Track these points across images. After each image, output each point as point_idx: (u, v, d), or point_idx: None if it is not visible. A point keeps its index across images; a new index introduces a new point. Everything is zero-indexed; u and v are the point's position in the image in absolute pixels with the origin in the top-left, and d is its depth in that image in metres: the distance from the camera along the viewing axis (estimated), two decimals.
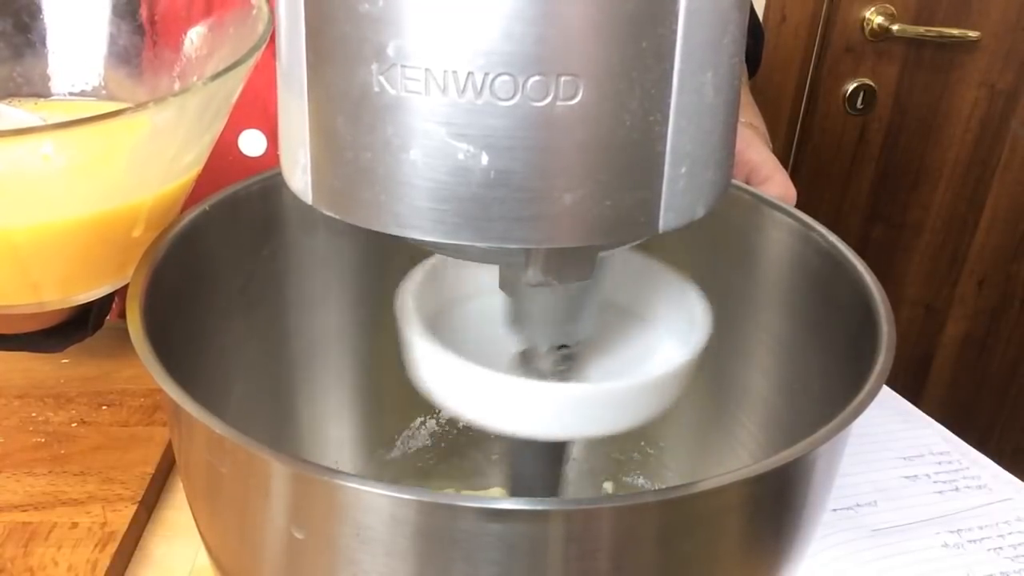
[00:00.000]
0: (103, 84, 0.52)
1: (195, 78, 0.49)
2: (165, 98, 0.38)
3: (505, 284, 0.35)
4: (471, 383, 0.34)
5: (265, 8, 0.45)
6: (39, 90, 0.51)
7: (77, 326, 0.56)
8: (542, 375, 0.36)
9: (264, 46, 0.42)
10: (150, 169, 0.42)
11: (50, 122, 0.46)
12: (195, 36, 0.49)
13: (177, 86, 0.50)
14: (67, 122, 0.36)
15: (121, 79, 0.51)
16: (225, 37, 0.48)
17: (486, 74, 0.25)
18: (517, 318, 0.35)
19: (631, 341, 0.40)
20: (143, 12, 0.51)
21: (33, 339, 0.54)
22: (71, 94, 0.51)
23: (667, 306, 0.40)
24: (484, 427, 0.35)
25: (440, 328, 0.38)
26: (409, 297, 0.37)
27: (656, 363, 0.36)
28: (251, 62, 0.42)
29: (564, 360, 0.36)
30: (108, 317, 0.73)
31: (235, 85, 0.43)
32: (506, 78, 0.25)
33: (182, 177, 0.44)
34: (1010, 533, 0.54)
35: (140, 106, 0.37)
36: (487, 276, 0.40)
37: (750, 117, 0.75)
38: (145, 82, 0.51)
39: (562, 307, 0.34)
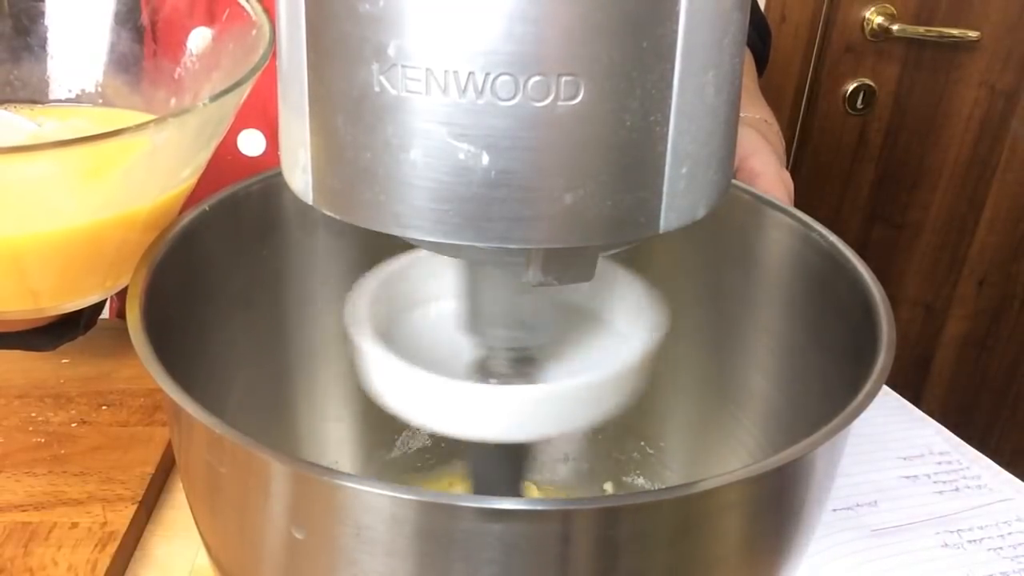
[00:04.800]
0: (100, 91, 0.52)
1: (192, 92, 0.49)
2: (165, 118, 0.39)
3: (463, 287, 0.35)
4: (423, 390, 0.34)
5: (267, 27, 0.45)
6: (36, 94, 0.51)
7: (69, 325, 0.56)
8: (499, 379, 0.36)
9: (265, 66, 0.42)
10: (148, 182, 0.42)
11: (47, 127, 0.46)
12: (195, 49, 0.49)
13: (174, 101, 0.50)
14: (67, 140, 0.36)
15: (119, 87, 0.52)
16: (224, 52, 0.48)
17: (487, 74, 0.25)
18: (473, 323, 0.35)
19: (589, 342, 0.40)
20: (144, 20, 0.51)
21: (26, 337, 0.54)
22: (68, 100, 0.52)
23: (623, 306, 0.40)
24: (440, 433, 0.35)
25: (394, 335, 0.38)
26: (361, 305, 0.37)
27: (611, 362, 0.36)
28: (251, 83, 0.42)
29: (521, 363, 0.36)
30: (108, 316, 0.73)
31: (234, 104, 0.43)
32: (507, 78, 0.25)
33: (179, 187, 0.44)
34: (1010, 533, 0.54)
35: (141, 126, 0.38)
36: (441, 281, 0.40)
37: (763, 113, 0.75)
38: (143, 91, 0.51)
39: (517, 311, 0.34)
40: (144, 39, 0.51)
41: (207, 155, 0.45)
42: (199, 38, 0.49)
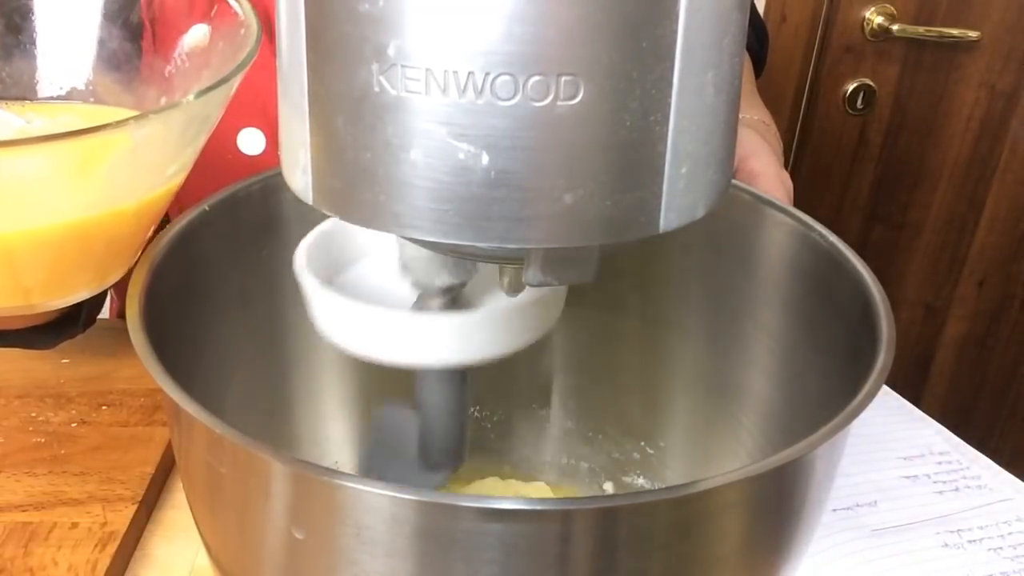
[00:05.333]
0: (91, 89, 0.52)
1: (182, 91, 0.49)
2: (147, 114, 0.39)
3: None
4: (365, 322, 0.37)
5: (255, 26, 0.45)
6: (26, 92, 0.51)
7: (68, 323, 0.56)
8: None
9: (249, 65, 0.43)
10: (134, 178, 0.42)
11: (35, 124, 0.46)
12: (186, 47, 0.49)
13: (164, 100, 0.50)
14: (48, 135, 0.37)
15: (109, 85, 0.51)
16: (215, 51, 0.48)
17: (487, 74, 0.25)
18: (404, 264, 0.37)
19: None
20: (143, 16, 0.51)
21: (25, 335, 0.54)
22: (59, 97, 0.52)
23: None
24: (384, 363, 0.37)
25: (341, 284, 0.41)
26: (303, 254, 0.39)
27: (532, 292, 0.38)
28: (237, 80, 0.42)
29: (451, 303, 0.38)
30: (108, 316, 0.73)
31: (220, 101, 0.43)
32: (507, 78, 0.25)
33: (166, 185, 0.44)
34: (1010, 533, 0.54)
35: (122, 122, 0.38)
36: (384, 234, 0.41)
37: (761, 114, 0.75)
38: (134, 89, 0.51)
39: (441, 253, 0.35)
40: (137, 36, 0.51)
41: (194, 153, 0.45)
42: (198, 34, 0.49)
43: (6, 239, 0.41)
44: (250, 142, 0.66)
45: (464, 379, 0.41)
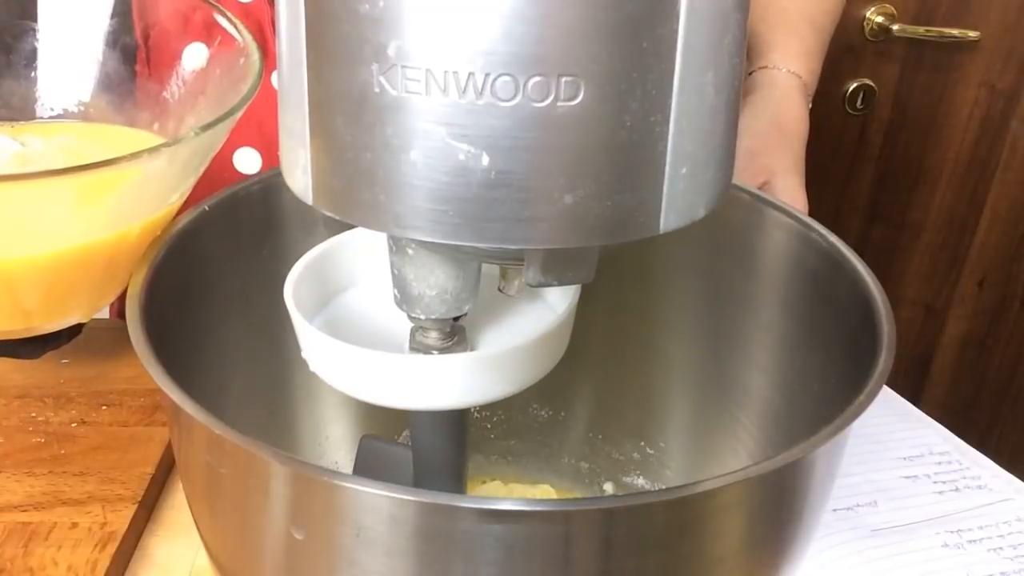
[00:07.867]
0: (83, 111, 0.52)
1: (177, 117, 0.50)
2: (159, 148, 0.40)
3: (391, 263, 0.36)
4: (358, 365, 0.36)
5: (256, 55, 0.45)
6: (16, 114, 0.51)
7: (53, 334, 0.56)
8: (430, 350, 0.37)
9: (254, 95, 0.43)
10: (139, 205, 0.43)
11: (32, 146, 0.47)
12: (190, 66, 0.50)
13: (157, 126, 0.50)
14: (62, 169, 0.37)
15: (102, 107, 0.52)
16: (212, 79, 0.48)
17: (487, 75, 0.25)
18: (401, 296, 0.36)
19: (516, 312, 0.41)
20: (137, 37, 0.51)
21: (9, 346, 0.53)
22: (50, 117, 0.52)
23: None
24: (381, 405, 0.36)
25: (332, 316, 0.40)
26: (291, 290, 0.39)
27: (534, 329, 0.38)
28: (241, 112, 0.43)
29: (450, 335, 0.37)
30: (108, 316, 0.73)
31: (224, 132, 0.44)
32: (507, 79, 0.25)
33: (167, 209, 0.45)
34: (1010, 533, 0.54)
35: (135, 155, 0.38)
36: (372, 261, 0.41)
37: (800, 66, 0.65)
38: (126, 112, 0.52)
39: (441, 282, 0.35)
40: (133, 59, 0.51)
41: (195, 179, 0.46)
42: (195, 54, 0.49)
43: (11, 265, 0.41)
44: (246, 161, 0.67)
45: (464, 420, 0.39)
